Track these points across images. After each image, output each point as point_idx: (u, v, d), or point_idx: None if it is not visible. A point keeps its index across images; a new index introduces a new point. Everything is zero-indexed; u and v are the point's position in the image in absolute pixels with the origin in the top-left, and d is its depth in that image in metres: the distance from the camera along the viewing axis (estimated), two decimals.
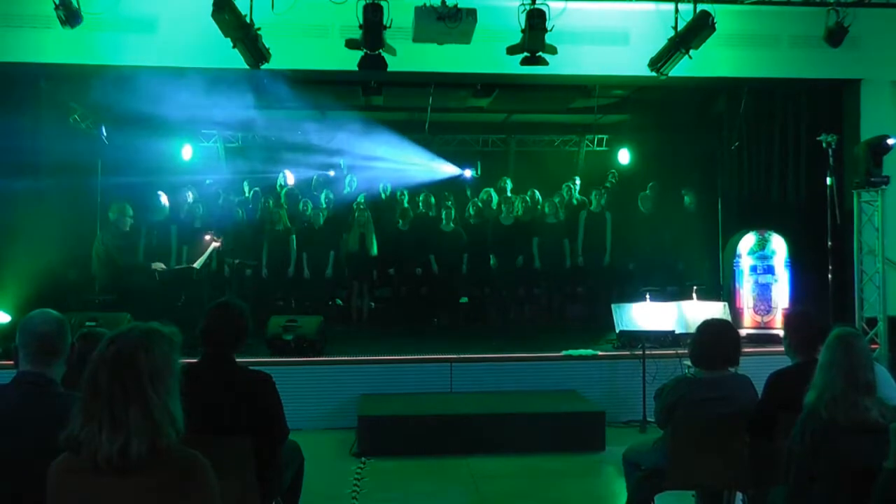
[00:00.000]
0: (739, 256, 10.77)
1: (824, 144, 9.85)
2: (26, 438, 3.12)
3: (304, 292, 12.14)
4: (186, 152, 13.97)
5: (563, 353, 9.39)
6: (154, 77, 10.41)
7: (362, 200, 12.92)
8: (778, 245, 10.66)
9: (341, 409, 8.66)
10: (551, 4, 8.86)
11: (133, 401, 2.60)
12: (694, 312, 9.50)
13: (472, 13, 8.54)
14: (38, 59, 9.78)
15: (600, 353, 9.46)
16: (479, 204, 13.03)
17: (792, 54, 10.50)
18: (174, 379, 2.72)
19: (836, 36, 9.78)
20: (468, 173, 15.36)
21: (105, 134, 12.21)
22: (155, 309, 9.59)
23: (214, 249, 11.00)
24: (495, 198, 13.28)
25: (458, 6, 8.50)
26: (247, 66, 9.00)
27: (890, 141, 9.27)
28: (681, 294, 10.43)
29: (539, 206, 12.94)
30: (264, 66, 9.05)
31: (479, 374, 9.13)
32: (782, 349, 4.94)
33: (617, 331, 9.54)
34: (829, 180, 9.94)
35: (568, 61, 9.64)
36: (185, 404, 2.74)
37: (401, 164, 14.25)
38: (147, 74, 10.15)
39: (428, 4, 8.52)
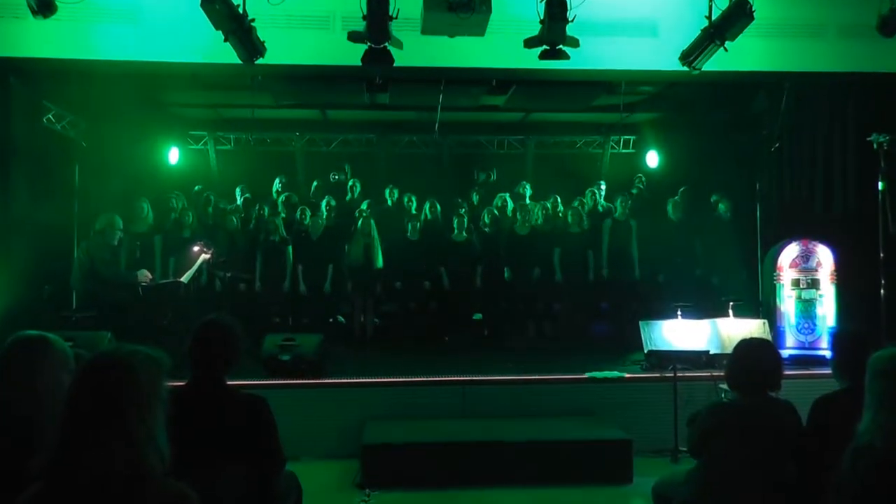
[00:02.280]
0: (780, 269, 10.71)
1: (875, 145, 9.80)
2: None
3: (302, 308, 12.17)
4: (173, 156, 14.01)
5: (587, 374, 9.36)
6: (137, 73, 10.44)
7: (366, 207, 12.93)
8: (824, 257, 10.60)
9: (343, 436, 8.64)
10: None
11: (114, 426, 2.60)
12: (730, 331, 9.48)
13: (486, 2, 8.53)
14: (6, 52, 9.76)
15: (627, 375, 9.42)
16: (495, 211, 13.02)
17: (840, 45, 10.45)
18: (160, 405, 2.73)
19: (889, 25, 9.71)
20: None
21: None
22: (138, 327, 9.63)
23: (204, 262, 11.02)
24: (511, 204, 13.28)
25: None
26: (240, 62, 9.02)
27: None
28: (716, 310, 10.38)
29: (560, 214, 12.93)
30: (259, 61, 9.06)
31: (493, 397, 9.11)
32: (829, 372, 4.91)
33: (645, 351, 9.51)
34: (880, 185, 9.89)
35: (591, 55, 9.64)
36: (172, 431, 2.74)
37: None
38: (129, 70, 10.17)
39: None
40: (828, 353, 5.21)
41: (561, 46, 8.88)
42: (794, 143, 12.10)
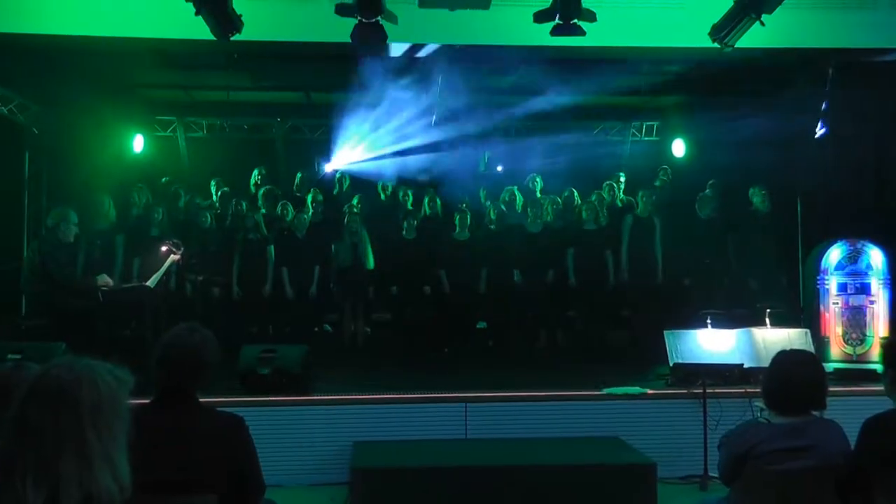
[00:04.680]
0: (825, 272, 10.70)
1: None
2: None
3: (284, 316, 12.17)
4: (138, 144, 14.01)
5: (605, 391, 9.35)
6: (96, 50, 10.41)
7: (356, 202, 12.92)
8: (875, 258, 10.59)
9: (330, 460, 8.63)
10: None
11: (67, 443, 2.57)
12: (767, 341, 9.46)
13: None
14: None
15: (650, 391, 9.41)
16: (502, 207, 13.01)
17: (892, 18, 10.44)
18: (121, 424, 2.70)
19: None
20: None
21: None
22: (98, 337, 9.60)
23: (173, 263, 10.99)
24: (520, 199, 13.26)
25: None
26: (213, 37, 9.01)
27: None
28: (751, 318, 10.38)
29: (575, 210, 12.92)
30: (235, 37, 9.05)
31: (500, 416, 9.09)
32: (881, 388, 4.90)
33: (671, 364, 9.49)
34: None
35: (609, 30, 9.63)
36: (134, 455, 2.72)
37: None
38: (87, 47, 10.14)
39: None
40: (880, 367, 5.18)
41: (575, 21, 8.87)
42: (840, 129, 12.07)
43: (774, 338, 9.49)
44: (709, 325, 9.78)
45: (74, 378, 2.66)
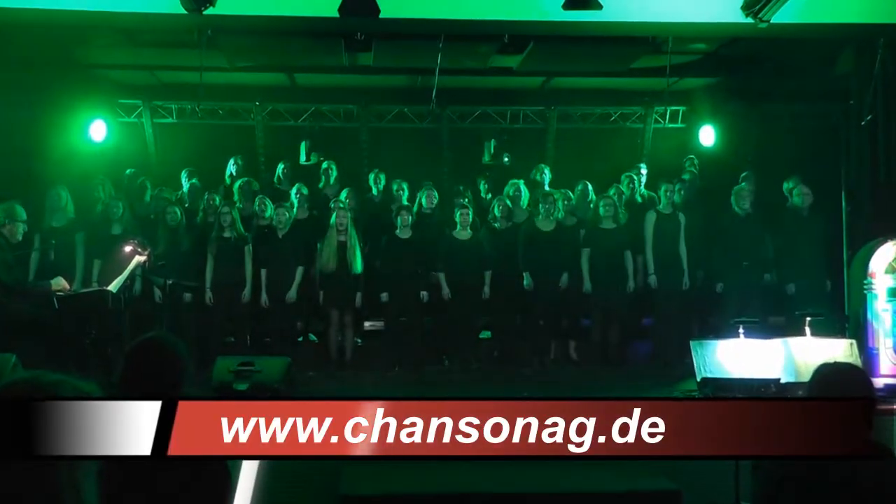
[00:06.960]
0: (873, 275, 10.69)
1: None
2: None
3: (263, 324, 12.17)
4: (98, 131, 13.97)
5: None
6: (50, 25, 10.39)
7: (344, 197, 12.90)
8: None
9: (315, 486, 8.62)
10: None
11: (28, 472, 2.58)
12: (807, 353, 9.46)
13: None
14: None
15: None
16: (508, 202, 12.99)
17: None
18: None
19: None
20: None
21: None
22: (53, 348, 9.58)
23: (138, 265, 10.98)
24: (526, 193, 13.25)
25: None
26: (184, 11, 9.00)
27: None
28: (789, 328, 10.38)
29: (590, 206, 12.91)
30: (208, 11, 9.04)
31: None
32: None
33: (699, 378, 9.49)
34: None
35: (629, 4, 9.63)
36: (100, 480, 2.72)
37: None
38: (39, 21, 10.12)
39: None
40: None
41: None
42: (891, 115, 12.06)
43: (816, 349, 9.49)
44: (741, 335, 9.78)
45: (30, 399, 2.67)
